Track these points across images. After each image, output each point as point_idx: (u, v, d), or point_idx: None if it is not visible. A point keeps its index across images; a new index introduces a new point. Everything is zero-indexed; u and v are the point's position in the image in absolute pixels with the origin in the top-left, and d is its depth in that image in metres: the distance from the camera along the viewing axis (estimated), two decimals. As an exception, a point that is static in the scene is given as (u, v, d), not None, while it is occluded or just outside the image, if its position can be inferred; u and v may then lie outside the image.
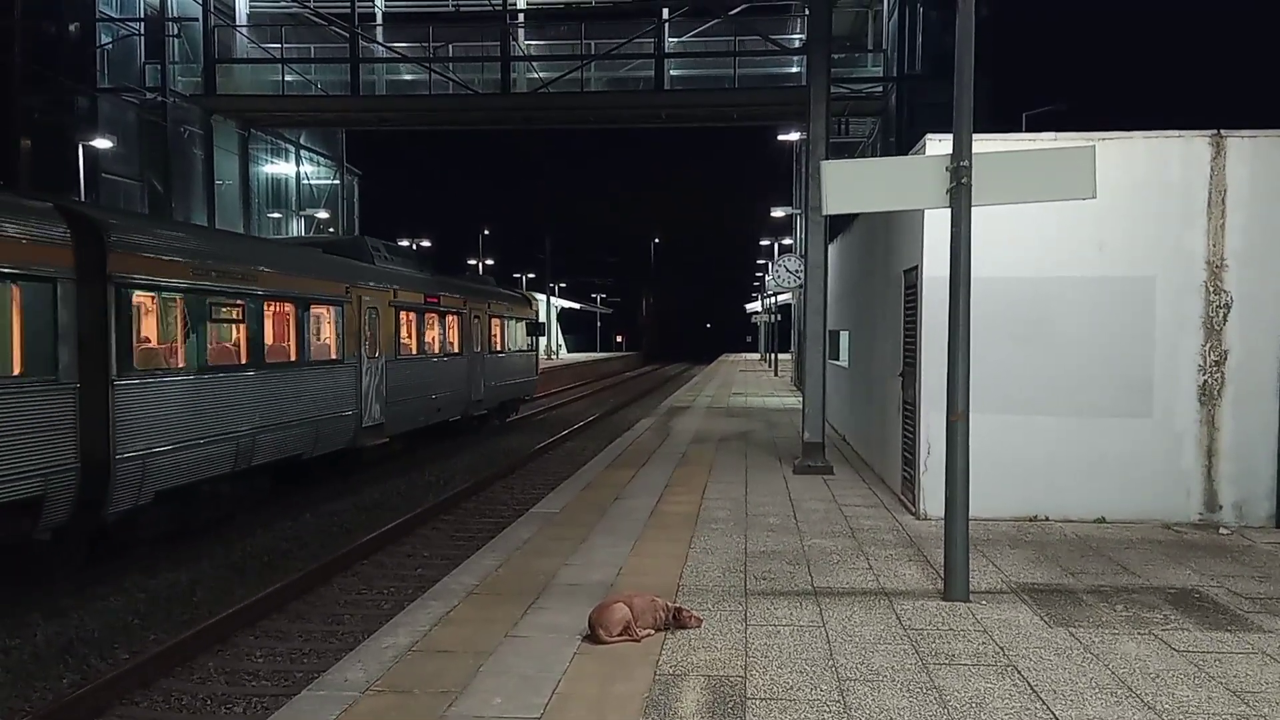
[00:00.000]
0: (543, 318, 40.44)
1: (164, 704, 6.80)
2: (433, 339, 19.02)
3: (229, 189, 28.22)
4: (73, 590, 9.23)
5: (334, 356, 14.40)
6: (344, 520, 12.86)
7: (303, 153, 33.25)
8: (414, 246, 54.30)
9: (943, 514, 6.76)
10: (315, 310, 13.93)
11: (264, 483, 12.87)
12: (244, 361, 11.89)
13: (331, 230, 33.89)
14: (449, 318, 19.90)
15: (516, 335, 25.81)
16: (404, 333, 17.40)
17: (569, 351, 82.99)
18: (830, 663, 5.41)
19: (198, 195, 26.64)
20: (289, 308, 13.20)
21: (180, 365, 10.59)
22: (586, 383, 49.22)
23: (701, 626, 5.98)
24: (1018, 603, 6.60)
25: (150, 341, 10.31)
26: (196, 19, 26.02)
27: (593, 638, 5.72)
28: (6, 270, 8.20)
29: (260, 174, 30.77)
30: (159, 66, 25.69)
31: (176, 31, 26.03)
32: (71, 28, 24.28)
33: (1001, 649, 5.65)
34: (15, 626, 8.21)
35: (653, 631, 5.83)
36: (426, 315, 18.53)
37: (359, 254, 16.56)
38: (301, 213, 32.74)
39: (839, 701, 4.85)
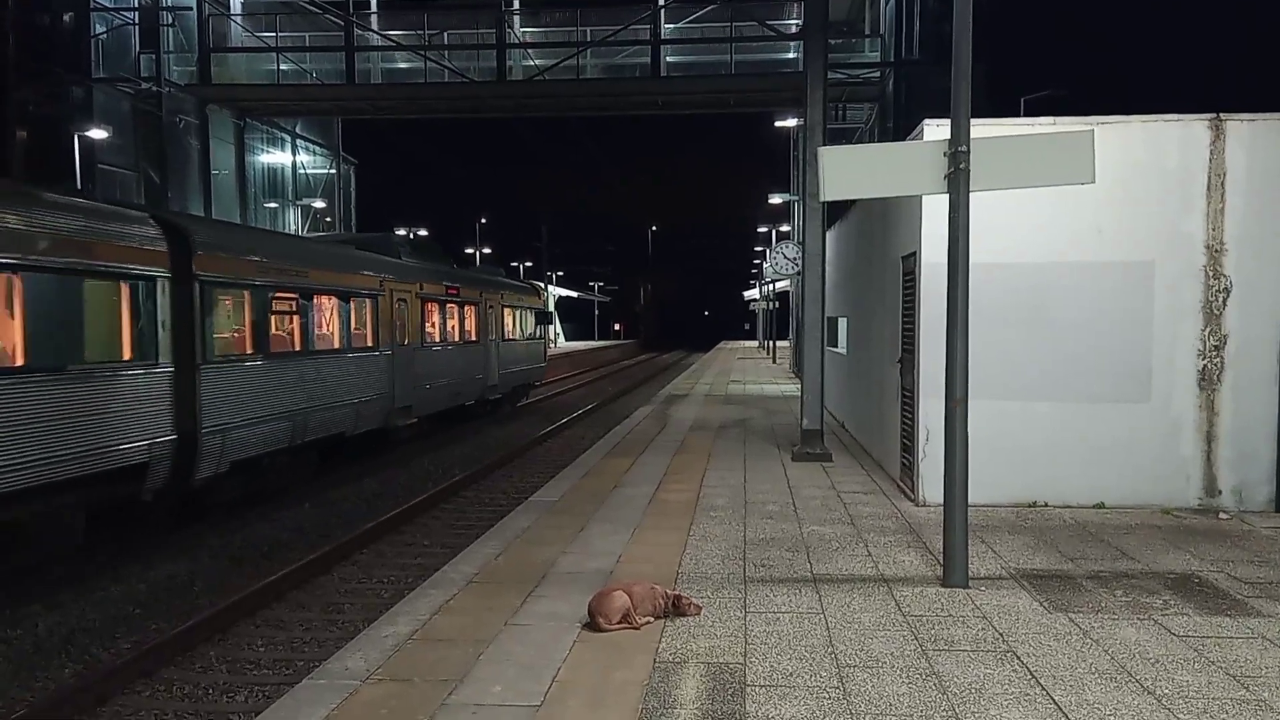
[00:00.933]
0: (549, 307, 41.70)
1: (166, 693, 6.81)
2: (453, 328, 20.34)
3: (225, 178, 28.16)
4: (73, 581, 9.24)
5: (370, 345, 15.78)
6: (344, 509, 12.87)
7: (299, 142, 33.14)
8: (411, 235, 54.40)
9: (942, 500, 6.77)
10: (354, 303, 15.30)
11: (313, 458, 14.21)
12: (298, 349, 13.35)
13: (329, 220, 33.83)
14: (467, 308, 21.22)
15: (527, 324, 27.07)
16: (429, 322, 18.78)
17: (567, 340, 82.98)
18: (830, 649, 5.41)
19: (193, 185, 26.58)
20: (333, 301, 14.68)
21: (249, 352, 12.09)
22: (585, 371, 49.22)
23: (701, 614, 5.99)
24: (1017, 588, 6.61)
25: (226, 331, 11.74)
26: (191, 8, 25.92)
27: (592, 625, 5.73)
28: (118, 270, 9.69)
29: (256, 163, 30.69)
30: (154, 56, 25.60)
31: (171, 21, 25.94)
32: (66, 18, 24.18)
33: (1001, 635, 5.66)
34: (16, 617, 8.23)
35: (652, 619, 5.83)
36: (448, 306, 19.93)
37: (387, 249, 17.76)
38: (298, 202, 32.67)
39: (838, 688, 4.86)
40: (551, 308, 54.30)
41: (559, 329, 78.50)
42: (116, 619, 8.32)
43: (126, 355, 9.86)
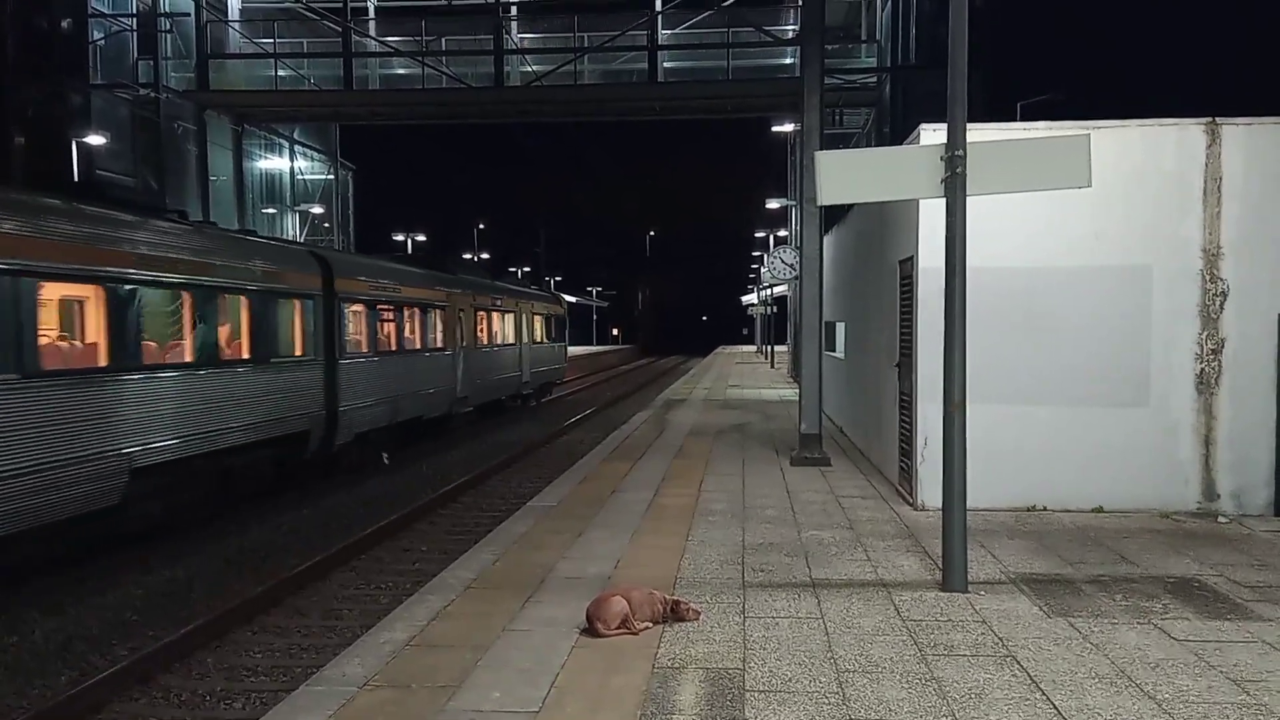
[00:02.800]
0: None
1: (163, 700, 6.79)
2: (497, 333, 24.54)
3: (223, 184, 28.12)
4: (71, 586, 9.21)
5: (440, 346, 19.70)
6: (342, 514, 12.84)
7: (296, 148, 33.11)
8: (409, 241, 54.68)
9: (940, 505, 6.76)
10: (430, 313, 19.18)
11: (398, 434, 17.59)
12: (394, 349, 17.15)
13: (326, 225, 33.82)
14: (507, 316, 25.49)
15: (552, 329, 31.71)
16: (479, 328, 22.65)
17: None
18: (829, 654, 5.40)
19: (191, 191, 26.53)
20: (416, 311, 18.52)
21: (365, 351, 15.88)
22: (583, 375, 49.20)
23: (700, 619, 5.97)
24: (1016, 593, 6.60)
25: (351, 335, 15.52)
26: (189, 14, 25.88)
27: (591, 631, 5.71)
28: (296, 292, 13.66)
29: (254, 169, 30.67)
30: (152, 62, 25.57)
31: (169, 27, 25.91)
32: (64, 23, 24.15)
33: (1000, 639, 5.65)
34: (13, 623, 8.20)
35: (651, 624, 5.82)
36: (493, 315, 24.09)
37: (444, 267, 21.72)
38: (296, 208, 32.65)
39: (838, 693, 4.85)
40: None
41: (558, 334, 78.41)
42: (114, 625, 8.30)
43: (298, 352, 13.70)
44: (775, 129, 27.89)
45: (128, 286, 9.96)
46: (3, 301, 8.28)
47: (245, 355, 12.22)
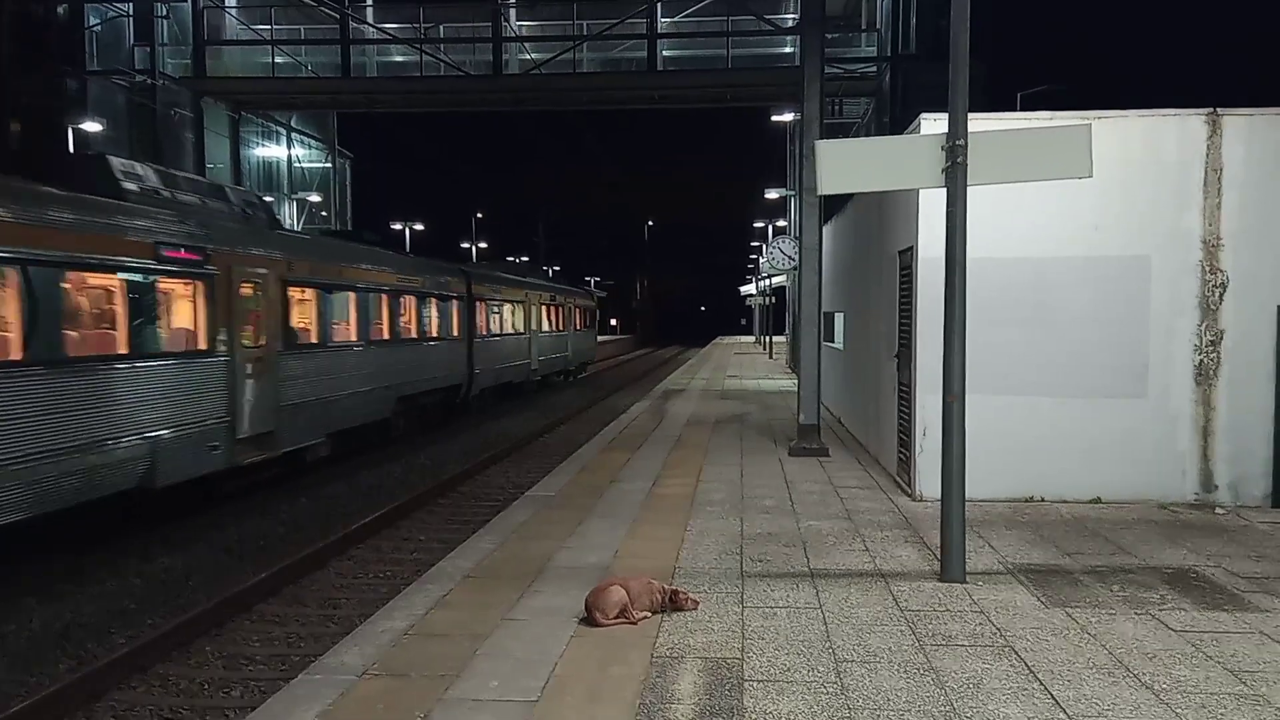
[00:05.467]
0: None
1: (161, 689, 6.79)
2: (554, 321, 32.41)
3: (220, 172, 28.04)
4: (70, 574, 9.21)
5: (522, 331, 27.37)
6: (340, 504, 12.84)
7: (294, 135, 33.04)
8: (407, 230, 54.71)
9: (939, 495, 6.76)
10: (517, 306, 26.94)
11: (500, 393, 25.67)
12: (499, 332, 25.02)
13: (324, 214, 33.73)
14: (558, 309, 33.33)
15: (587, 318, 39.81)
16: (544, 318, 30.66)
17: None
18: (827, 644, 5.41)
19: (189, 179, 26.44)
20: (509, 305, 26.14)
21: (484, 334, 23.39)
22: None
23: (698, 609, 5.98)
24: (1014, 583, 6.61)
25: (479, 322, 22.95)
26: (185, 0, 25.78)
27: (589, 620, 5.72)
28: (455, 295, 20.93)
29: (251, 157, 30.60)
30: (148, 49, 25.48)
31: (165, 13, 25.81)
32: (60, 9, 24.06)
33: (998, 630, 5.65)
34: (11, 611, 8.19)
35: (649, 614, 5.82)
36: (550, 309, 31.77)
37: (516, 270, 31.70)
38: (294, 196, 32.57)
39: (836, 683, 4.86)
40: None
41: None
42: (112, 613, 8.30)
43: (455, 334, 21.06)
44: (775, 118, 27.80)
45: (398, 295, 17.68)
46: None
47: (436, 335, 19.77)
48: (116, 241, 9.82)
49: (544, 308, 30.35)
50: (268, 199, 30.85)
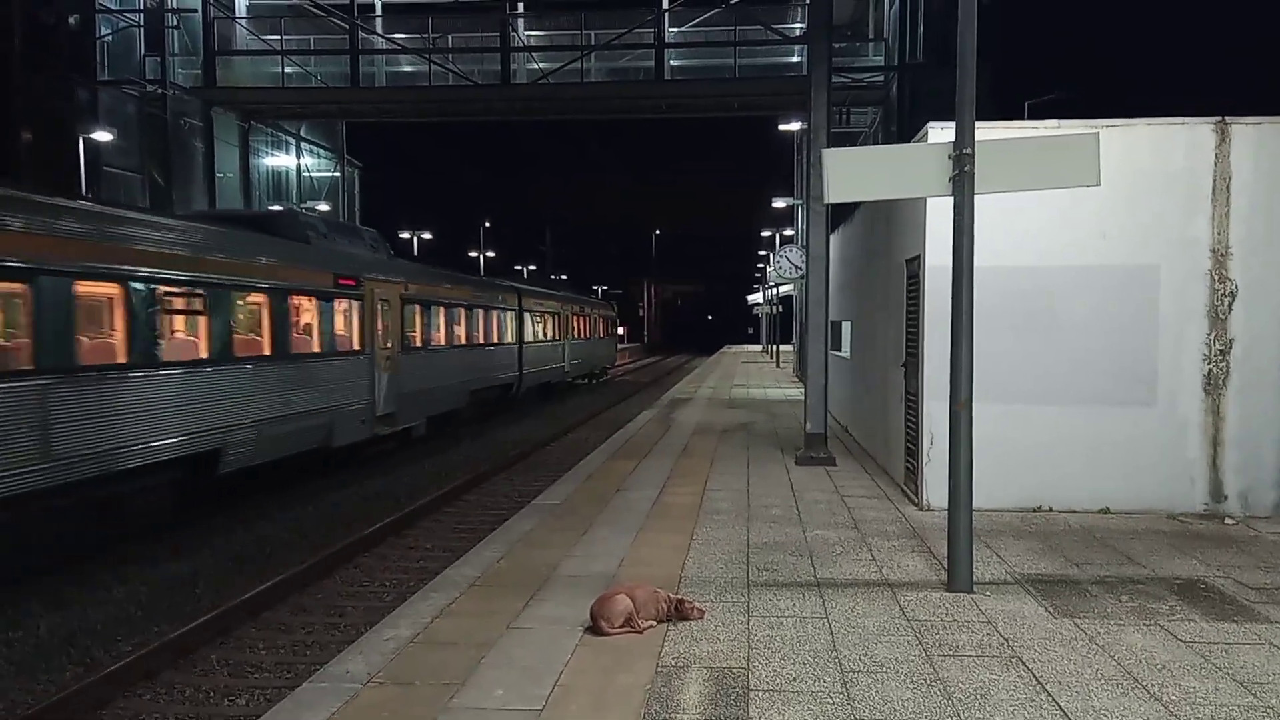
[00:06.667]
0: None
1: (166, 696, 6.79)
2: (583, 330, 37.49)
3: (229, 181, 28.14)
4: (76, 580, 9.22)
5: (557, 339, 32.01)
6: (346, 511, 12.85)
7: (303, 145, 33.12)
8: (415, 239, 55.01)
9: (946, 505, 6.73)
10: (556, 317, 31.87)
11: (540, 392, 30.27)
12: (542, 339, 29.50)
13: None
14: (586, 319, 38.38)
15: (609, 327, 46.27)
16: (576, 327, 35.79)
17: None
18: (834, 654, 5.38)
19: (198, 188, 26.56)
20: (548, 316, 30.68)
21: (531, 340, 27.77)
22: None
23: (704, 618, 5.96)
24: (1022, 594, 6.58)
25: (527, 329, 27.35)
26: (196, 10, 25.90)
27: (594, 629, 5.70)
28: (509, 308, 25.75)
29: (261, 166, 30.67)
30: (159, 58, 25.60)
31: (176, 23, 25.92)
32: (71, 19, 24.18)
33: (1006, 640, 5.62)
34: (18, 617, 8.21)
35: (655, 623, 5.81)
36: (580, 318, 37.02)
37: (559, 287, 39.52)
38: (302, 205, 32.65)
39: (842, 693, 4.83)
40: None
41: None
42: (118, 620, 8.31)
43: (509, 340, 25.27)
44: (782, 127, 27.77)
45: (473, 309, 22.14)
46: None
47: (497, 340, 24.11)
48: (318, 274, 14.20)
49: (574, 318, 35.46)
50: (276, 208, 31.05)
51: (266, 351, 12.53)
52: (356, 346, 15.26)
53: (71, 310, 9.02)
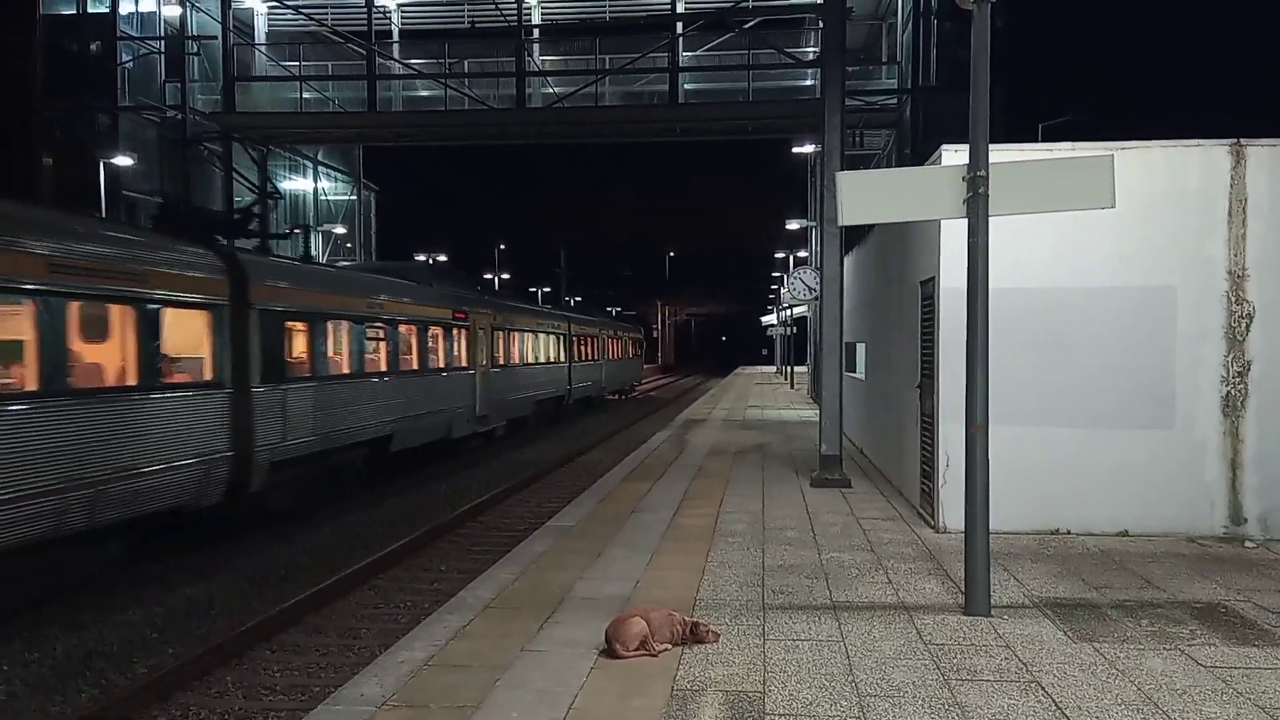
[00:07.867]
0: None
1: (181, 718, 6.79)
2: (616, 351, 42.32)
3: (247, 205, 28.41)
4: (92, 603, 9.26)
5: (596, 359, 36.40)
6: (361, 533, 12.87)
7: (320, 169, 33.47)
8: (430, 260, 55.34)
9: (962, 527, 6.69)
10: (592, 340, 36.12)
11: (582, 406, 34.25)
12: (582, 359, 33.62)
13: (349, 245, 34.07)
14: (618, 341, 43.18)
15: (637, 348, 51.07)
16: (611, 349, 40.48)
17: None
18: (850, 678, 5.35)
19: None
20: (588, 339, 35.00)
21: (578, 360, 32.92)
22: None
23: (719, 641, 5.94)
24: (1040, 617, 6.53)
25: (575, 350, 32.55)
26: (216, 37, 26.27)
27: (609, 652, 5.69)
28: (560, 332, 30.56)
29: (279, 190, 30.97)
30: (179, 84, 25.96)
31: (196, 50, 26.30)
32: (93, 46, 24.58)
33: (1025, 664, 5.58)
34: (35, 639, 8.25)
35: (670, 646, 5.79)
36: (614, 341, 41.62)
37: (591, 312, 45.01)
38: (319, 228, 32.93)
39: (859, 717, 4.80)
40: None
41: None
42: (134, 642, 8.33)
43: (561, 360, 29.90)
44: (796, 150, 27.91)
45: (537, 333, 26.88)
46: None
47: (554, 360, 28.64)
48: (442, 310, 18.76)
49: (609, 340, 40.60)
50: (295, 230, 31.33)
51: (415, 367, 17.12)
52: (465, 364, 19.88)
53: (327, 338, 13.93)
